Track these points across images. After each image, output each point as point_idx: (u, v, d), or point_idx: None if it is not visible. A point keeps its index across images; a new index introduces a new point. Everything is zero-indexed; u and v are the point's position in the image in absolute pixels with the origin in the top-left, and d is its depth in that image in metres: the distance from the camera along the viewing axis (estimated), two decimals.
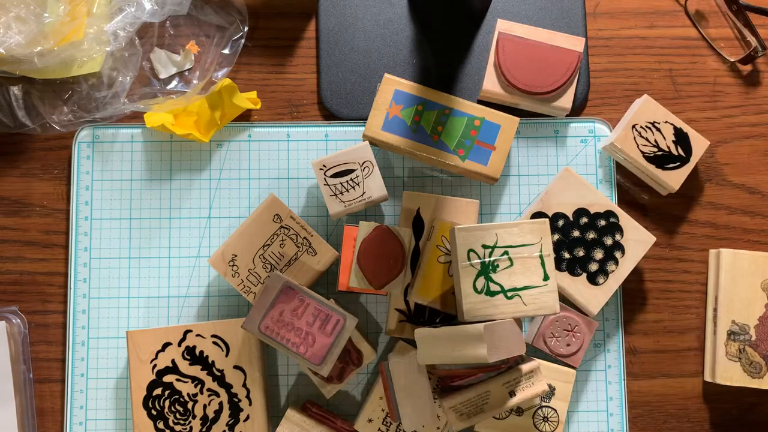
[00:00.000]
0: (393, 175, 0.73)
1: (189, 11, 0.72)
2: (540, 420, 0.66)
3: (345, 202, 0.66)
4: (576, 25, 0.75)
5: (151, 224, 0.72)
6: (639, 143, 0.70)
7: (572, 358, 0.68)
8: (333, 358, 0.62)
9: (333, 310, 0.63)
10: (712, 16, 0.77)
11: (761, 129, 0.75)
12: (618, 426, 0.70)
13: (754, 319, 0.70)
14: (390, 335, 0.69)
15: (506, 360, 0.63)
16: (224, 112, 0.71)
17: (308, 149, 0.73)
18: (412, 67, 0.74)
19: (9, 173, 0.73)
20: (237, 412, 0.66)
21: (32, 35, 0.66)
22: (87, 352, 0.70)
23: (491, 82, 0.72)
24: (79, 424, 0.69)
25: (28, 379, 0.70)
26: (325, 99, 0.74)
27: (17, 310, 0.71)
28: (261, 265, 0.66)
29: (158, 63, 0.74)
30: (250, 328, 0.63)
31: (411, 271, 0.67)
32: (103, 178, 0.72)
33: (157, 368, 0.65)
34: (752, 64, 0.76)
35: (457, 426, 0.62)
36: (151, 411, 0.65)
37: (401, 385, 0.63)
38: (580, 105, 0.75)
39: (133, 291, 0.71)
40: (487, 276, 0.61)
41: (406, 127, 0.69)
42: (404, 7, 0.75)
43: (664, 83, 0.76)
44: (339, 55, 0.74)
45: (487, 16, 0.75)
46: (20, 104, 0.71)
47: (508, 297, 0.61)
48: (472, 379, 0.62)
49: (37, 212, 0.72)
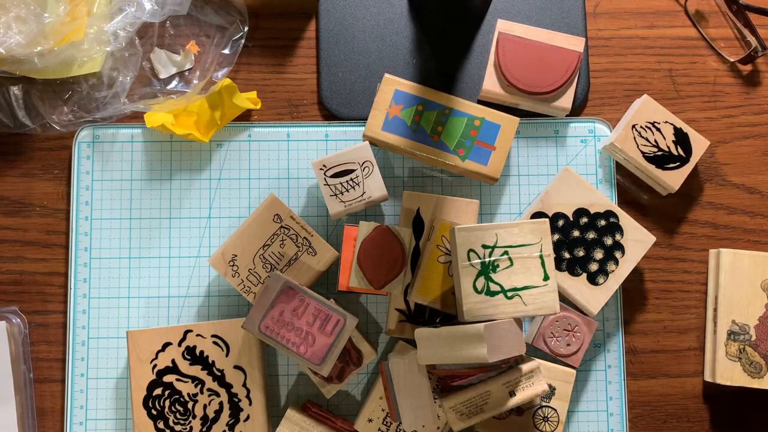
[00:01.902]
0: (393, 175, 0.73)
1: (189, 11, 0.72)
2: (540, 420, 0.66)
3: (345, 202, 0.66)
4: (576, 25, 0.75)
5: (151, 224, 0.72)
6: (639, 143, 0.70)
7: (572, 358, 0.68)
8: (333, 358, 0.63)
9: (333, 310, 0.63)
10: (712, 16, 0.77)
11: (761, 129, 0.75)
12: (618, 426, 0.70)
13: (754, 319, 0.70)
14: (390, 335, 0.69)
15: (506, 360, 0.63)
16: (224, 112, 0.71)
17: (308, 149, 0.73)
18: (412, 67, 0.74)
19: (9, 173, 0.73)
20: (237, 412, 0.66)
21: (32, 35, 0.66)
22: (87, 352, 0.70)
23: (491, 82, 0.72)
24: (79, 424, 0.69)
25: (29, 379, 0.70)
26: (325, 99, 0.74)
27: (17, 310, 0.71)
28: (261, 265, 0.66)
29: (158, 63, 0.74)
30: (250, 328, 0.63)
31: (411, 271, 0.67)
32: (103, 178, 0.72)
33: (157, 368, 0.65)
34: (752, 64, 0.76)
35: (457, 426, 0.62)
36: (151, 411, 0.65)
37: (401, 385, 0.63)
38: (580, 105, 0.75)
39: (133, 291, 0.71)
40: (487, 276, 0.61)
41: (406, 127, 0.69)
42: (404, 7, 0.75)
43: (664, 83, 0.76)
44: (339, 55, 0.74)
45: (487, 16, 0.75)
46: (20, 104, 0.71)
47: (508, 297, 0.61)
48: (472, 379, 0.62)
49: (38, 212, 0.72)
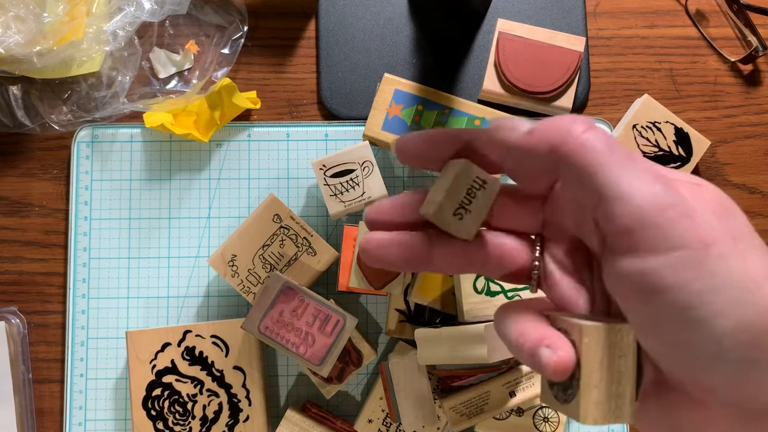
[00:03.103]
0: (393, 175, 0.73)
1: (188, 11, 0.72)
2: (540, 420, 0.66)
3: (345, 202, 0.66)
4: (576, 24, 0.75)
5: (151, 224, 0.72)
6: (639, 143, 0.70)
7: None
8: (333, 359, 0.62)
9: (333, 310, 0.63)
10: (713, 16, 0.77)
11: (762, 129, 0.75)
12: (618, 426, 0.70)
13: None
14: (390, 335, 0.68)
15: (506, 360, 0.63)
16: (224, 112, 0.71)
17: (308, 149, 0.73)
18: (412, 67, 0.74)
19: (8, 173, 0.73)
20: (236, 413, 0.65)
21: (31, 35, 0.66)
22: (86, 352, 0.70)
23: (491, 82, 0.71)
24: (78, 425, 0.69)
25: (28, 379, 0.70)
26: (325, 99, 0.74)
27: (17, 311, 0.71)
28: (261, 265, 0.66)
29: (158, 63, 0.74)
30: (250, 329, 0.62)
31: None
32: (102, 178, 0.72)
33: (156, 368, 0.65)
34: (753, 63, 0.76)
35: (457, 426, 0.62)
36: (151, 411, 0.65)
37: (401, 386, 0.63)
38: (581, 105, 0.75)
39: (132, 291, 0.71)
40: (488, 276, 0.61)
41: (406, 127, 0.69)
42: (404, 7, 0.75)
43: (665, 83, 0.75)
44: (339, 55, 0.74)
45: (487, 15, 0.75)
46: (19, 104, 0.71)
47: (508, 297, 0.61)
48: (472, 380, 0.62)
49: (37, 212, 0.72)
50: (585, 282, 0.34)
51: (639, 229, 0.27)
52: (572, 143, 0.29)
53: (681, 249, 0.27)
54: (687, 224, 0.27)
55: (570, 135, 0.29)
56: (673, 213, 0.27)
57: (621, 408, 0.30)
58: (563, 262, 0.35)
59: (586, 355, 0.30)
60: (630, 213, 0.28)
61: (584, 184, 0.29)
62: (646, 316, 0.28)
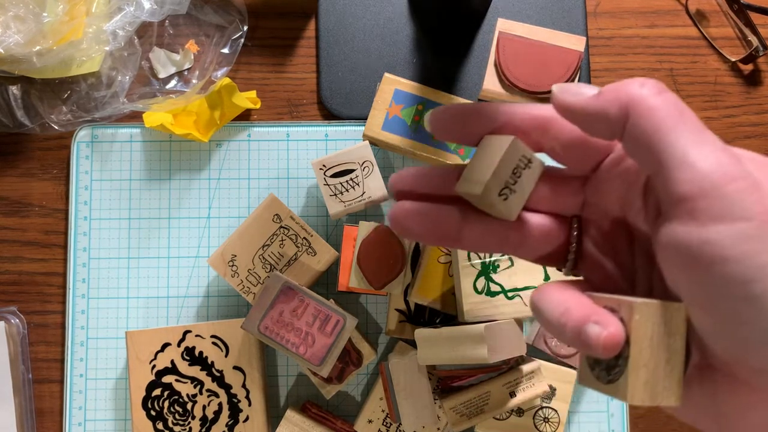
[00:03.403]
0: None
1: (188, 11, 0.72)
2: (540, 421, 0.66)
3: (345, 202, 0.66)
4: (577, 24, 0.75)
5: (150, 224, 0.72)
6: None
7: (573, 358, 0.67)
8: (333, 359, 0.62)
9: (333, 310, 0.63)
10: (713, 16, 0.77)
11: (762, 129, 0.75)
12: (619, 427, 0.70)
13: None
14: (390, 335, 0.68)
15: (507, 361, 0.62)
16: (224, 112, 0.71)
17: (308, 149, 0.73)
18: (412, 67, 0.74)
19: (8, 173, 0.73)
20: (236, 413, 0.65)
21: (31, 35, 0.66)
22: (86, 352, 0.70)
23: (491, 81, 0.71)
24: (78, 425, 0.69)
25: (27, 379, 0.69)
26: (325, 99, 0.74)
27: (16, 311, 0.70)
28: (260, 265, 0.66)
29: (157, 62, 0.74)
30: (250, 329, 0.62)
31: (411, 271, 0.67)
32: (102, 178, 0.72)
33: (156, 369, 0.65)
34: (753, 63, 0.76)
35: (457, 427, 0.62)
36: (151, 412, 0.65)
37: (401, 386, 0.63)
38: None
39: (132, 291, 0.71)
40: (488, 276, 0.61)
41: (406, 127, 0.69)
42: (404, 7, 0.75)
43: (665, 83, 0.75)
44: (339, 55, 0.74)
45: (488, 15, 0.75)
46: (19, 104, 0.70)
47: (508, 297, 0.61)
48: (472, 380, 0.62)
49: (36, 212, 0.72)
50: (625, 264, 0.34)
51: (703, 197, 0.27)
52: (644, 105, 0.29)
53: (746, 221, 0.26)
54: (755, 197, 0.27)
55: (641, 97, 0.29)
56: (742, 184, 0.27)
57: (669, 389, 0.29)
58: (603, 244, 0.34)
59: (636, 332, 0.29)
60: (696, 179, 0.27)
61: (650, 147, 0.28)
62: (700, 289, 0.28)
